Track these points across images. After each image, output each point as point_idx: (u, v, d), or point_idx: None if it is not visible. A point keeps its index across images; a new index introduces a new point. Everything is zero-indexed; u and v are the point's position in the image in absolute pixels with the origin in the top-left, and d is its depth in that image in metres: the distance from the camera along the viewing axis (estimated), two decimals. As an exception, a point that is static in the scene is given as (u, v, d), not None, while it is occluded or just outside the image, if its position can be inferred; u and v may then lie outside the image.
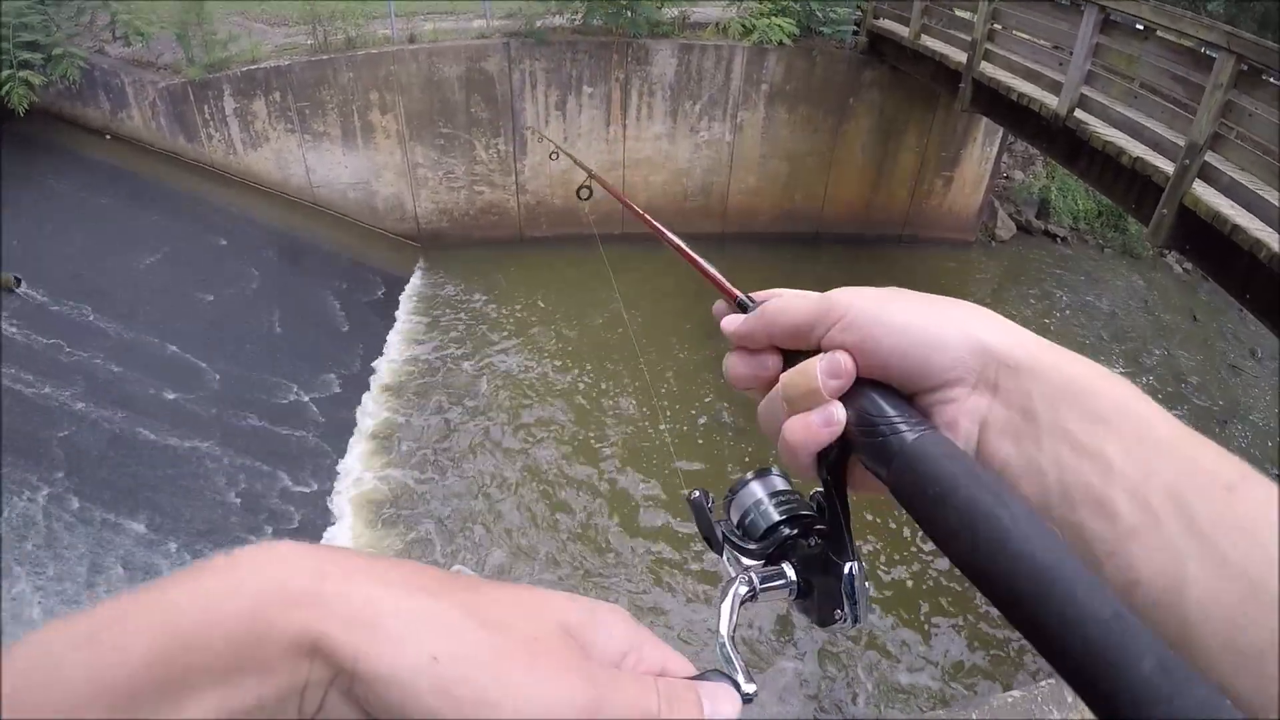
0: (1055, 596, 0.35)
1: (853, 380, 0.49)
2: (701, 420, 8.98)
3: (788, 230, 12.81)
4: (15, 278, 7.35)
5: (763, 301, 0.59)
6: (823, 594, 0.53)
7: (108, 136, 10.50)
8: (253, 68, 10.55)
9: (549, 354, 10.02)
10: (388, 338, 10.03)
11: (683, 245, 0.73)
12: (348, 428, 8.37)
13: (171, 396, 7.47)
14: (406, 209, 11.95)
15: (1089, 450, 0.41)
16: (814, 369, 0.49)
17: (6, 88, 8.77)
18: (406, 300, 10.93)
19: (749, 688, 0.45)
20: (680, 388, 9.45)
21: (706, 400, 9.22)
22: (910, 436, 0.45)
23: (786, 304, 0.54)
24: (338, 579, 0.38)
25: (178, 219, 9.77)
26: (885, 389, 0.49)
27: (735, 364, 0.58)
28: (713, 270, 0.67)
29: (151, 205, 9.79)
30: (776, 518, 0.56)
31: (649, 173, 12.19)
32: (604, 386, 9.47)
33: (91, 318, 7.69)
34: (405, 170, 11.61)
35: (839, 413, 0.49)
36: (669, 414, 9.04)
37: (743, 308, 0.61)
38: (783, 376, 0.52)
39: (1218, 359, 11.45)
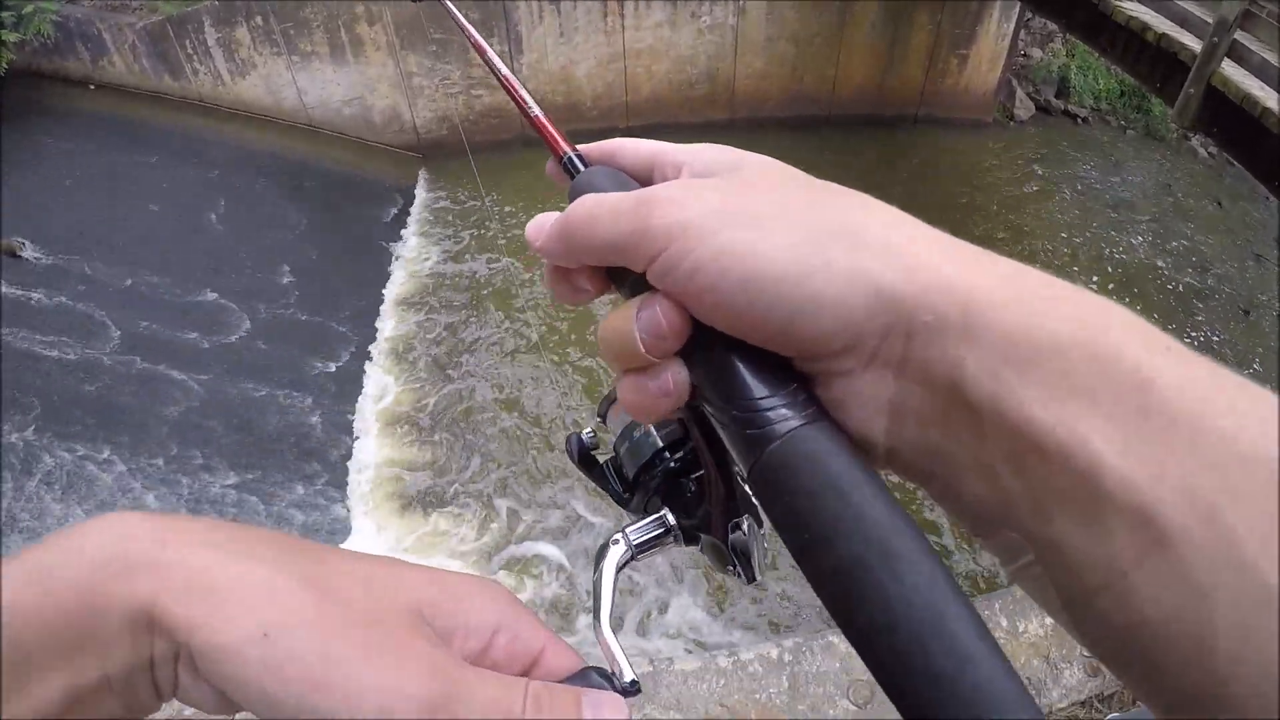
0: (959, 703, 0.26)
1: (687, 335, 0.36)
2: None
3: (798, 114, 12.40)
4: (20, 242, 7.33)
5: (593, 164, 0.46)
6: (711, 547, 0.42)
7: (91, 86, 10.31)
8: (231, -5, 10.12)
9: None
10: (397, 251, 10.01)
11: (511, 82, 0.53)
12: (365, 344, 8.48)
13: (192, 336, 7.56)
14: (405, 120, 11.64)
15: (1062, 446, 0.28)
16: (630, 322, 0.36)
17: None
18: (412, 211, 10.83)
19: (630, 676, 0.38)
20: None
21: None
22: (780, 429, 0.33)
23: (592, 219, 0.38)
24: (177, 545, 0.35)
25: (173, 158, 9.68)
26: (742, 349, 0.35)
27: (551, 282, 0.44)
28: (537, 112, 0.50)
29: (145, 148, 9.69)
30: (659, 444, 0.45)
31: (651, 62, 11.75)
32: None
33: (98, 270, 7.70)
34: (399, 81, 11.24)
35: (676, 377, 0.37)
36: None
37: (570, 171, 0.47)
38: (602, 324, 0.39)
39: (1243, 246, 11.16)
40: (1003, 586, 6.27)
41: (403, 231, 10.36)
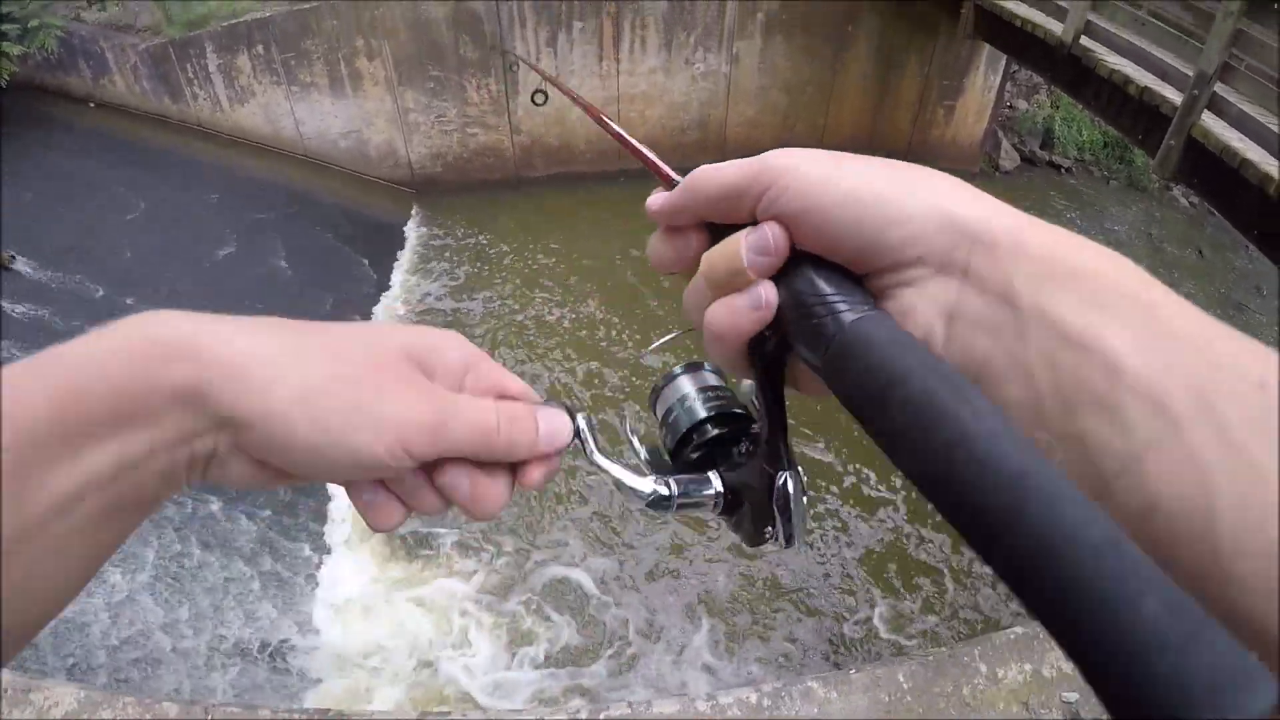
0: (1030, 514, 0.28)
1: (785, 257, 0.42)
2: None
3: (788, 162, 12.60)
4: (10, 255, 7.31)
5: None
6: (753, 508, 0.47)
7: (92, 105, 10.35)
8: (234, 22, 10.28)
9: (548, 292, 10.05)
10: (387, 283, 10.01)
11: (617, 129, 0.63)
12: None
13: None
14: (400, 155, 11.76)
15: (1089, 345, 0.33)
16: (738, 245, 0.43)
17: None
18: (403, 246, 10.87)
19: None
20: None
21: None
22: (849, 317, 0.39)
23: (715, 170, 0.46)
24: (212, 334, 0.41)
25: (169, 180, 9.69)
26: (827, 266, 0.42)
27: (656, 245, 0.51)
28: (645, 150, 0.58)
29: (142, 169, 9.71)
30: (702, 414, 0.51)
31: (645, 107, 11.96)
32: (610, 320, 9.59)
33: (89, 286, 7.66)
34: (396, 116, 11.39)
35: (768, 293, 0.42)
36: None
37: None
38: (705, 255, 0.46)
39: (1224, 295, 11.31)
40: (996, 628, 6.27)
41: (393, 266, 10.40)
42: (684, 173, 0.57)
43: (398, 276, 10.27)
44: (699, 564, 6.81)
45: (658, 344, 0.59)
